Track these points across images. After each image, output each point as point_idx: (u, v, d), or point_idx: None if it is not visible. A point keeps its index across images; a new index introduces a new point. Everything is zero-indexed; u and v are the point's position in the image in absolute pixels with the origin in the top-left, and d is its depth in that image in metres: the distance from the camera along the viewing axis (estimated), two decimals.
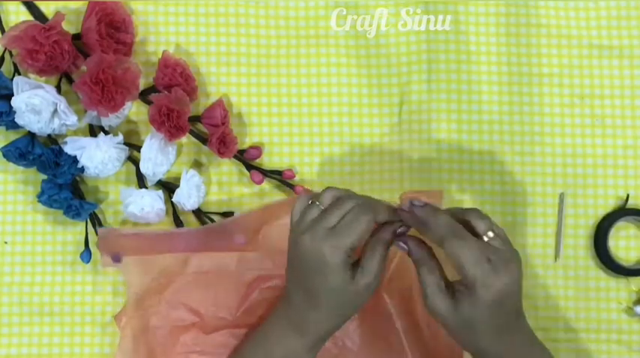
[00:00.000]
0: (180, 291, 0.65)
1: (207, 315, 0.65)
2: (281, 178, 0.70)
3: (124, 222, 0.70)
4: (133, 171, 0.70)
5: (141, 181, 0.69)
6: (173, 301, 0.65)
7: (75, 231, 0.70)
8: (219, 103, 0.68)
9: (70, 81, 0.68)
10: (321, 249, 0.53)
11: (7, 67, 0.69)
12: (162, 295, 0.65)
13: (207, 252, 0.66)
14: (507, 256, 0.53)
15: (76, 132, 0.70)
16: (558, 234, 0.71)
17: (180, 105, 0.65)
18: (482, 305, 0.52)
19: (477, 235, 0.54)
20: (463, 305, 0.52)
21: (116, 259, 0.68)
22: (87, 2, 0.66)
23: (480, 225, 0.54)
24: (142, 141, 0.68)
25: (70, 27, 0.68)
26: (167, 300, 0.65)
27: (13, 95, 0.64)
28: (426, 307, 0.54)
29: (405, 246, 0.56)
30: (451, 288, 0.54)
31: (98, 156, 0.66)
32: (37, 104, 0.64)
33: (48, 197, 0.66)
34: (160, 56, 0.67)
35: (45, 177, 0.67)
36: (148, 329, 0.65)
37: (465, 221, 0.55)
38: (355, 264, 0.55)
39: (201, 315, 0.65)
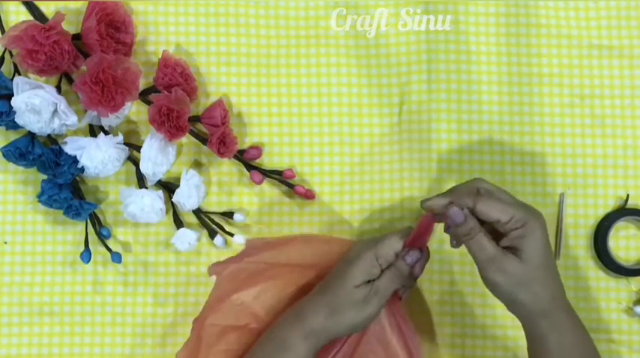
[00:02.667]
0: (250, 295, 0.65)
1: (265, 320, 0.65)
2: (281, 178, 0.70)
3: (124, 222, 0.70)
4: (133, 171, 0.70)
5: (141, 181, 0.69)
6: (239, 302, 0.65)
7: (75, 231, 0.70)
8: (219, 103, 0.68)
9: (70, 81, 0.68)
10: (362, 247, 0.61)
11: (7, 67, 0.69)
12: (232, 295, 0.65)
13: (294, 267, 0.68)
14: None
15: (76, 132, 0.70)
16: (558, 234, 0.71)
17: (180, 105, 0.65)
18: (540, 237, 0.55)
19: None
20: (527, 252, 0.55)
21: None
22: (87, 2, 0.66)
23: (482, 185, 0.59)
24: (142, 141, 0.68)
25: (70, 27, 0.68)
26: (234, 300, 0.65)
27: (13, 95, 0.64)
28: (491, 274, 0.55)
29: (461, 213, 0.56)
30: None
31: (98, 156, 0.66)
32: (37, 104, 0.64)
33: (48, 197, 0.66)
34: (159, 56, 0.67)
35: (45, 177, 0.67)
36: (204, 326, 0.65)
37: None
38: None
39: (260, 319, 0.65)
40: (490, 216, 0.56)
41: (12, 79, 0.65)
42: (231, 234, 0.70)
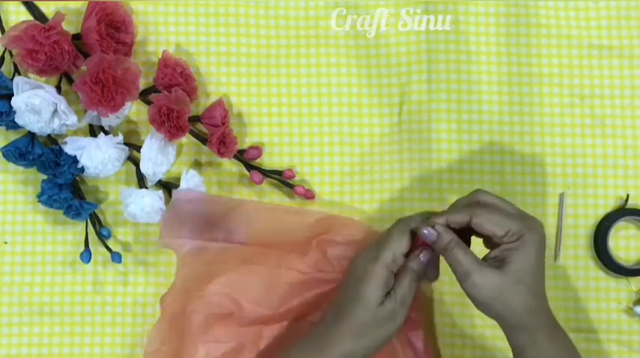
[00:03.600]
0: (228, 281, 0.64)
1: (247, 308, 0.64)
2: (281, 178, 0.70)
3: (124, 222, 0.70)
4: (133, 171, 0.70)
5: (141, 181, 0.69)
6: (218, 289, 0.64)
7: (75, 231, 0.70)
8: (219, 103, 0.68)
9: (70, 81, 0.68)
10: (365, 261, 0.57)
11: (7, 67, 0.69)
12: (209, 282, 0.64)
13: (265, 248, 0.66)
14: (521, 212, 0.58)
15: (76, 132, 0.70)
16: (558, 234, 0.71)
17: (180, 105, 0.65)
18: (533, 252, 0.55)
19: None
20: (512, 264, 0.55)
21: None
22: (87, 2, 0.66)
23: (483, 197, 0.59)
24: (142, 141, 0.68)
25: (70, 27, 0.68)
26: (212, 288, 0.64)
27: (13, 95, 0.64)
28: (467, 288, 0.55)
29: (433, 232, 0.57)
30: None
31: (98, 156, 0.66)
32: (37, 104, 0.64)
33: (48, 197, 0.66)
34: (159, 56, 0.67)
35: (45, 177, 0.67)
36: (185, 313, 0.64)
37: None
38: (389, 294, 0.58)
39: (242, 307, 0.64)
40: (485, 230, 0.56)
41: (12, 79, 0.65)
42: None
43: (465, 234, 0.58)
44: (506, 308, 0.55)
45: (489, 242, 0.58)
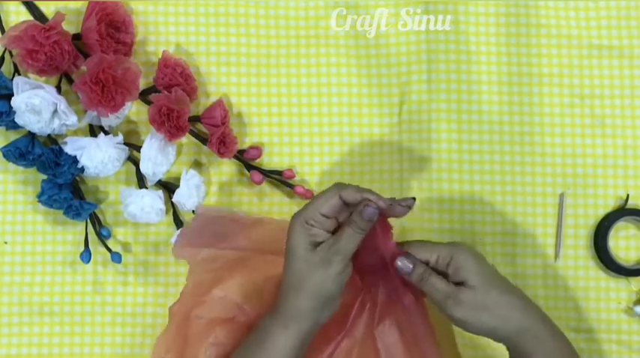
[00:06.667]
0: (232, 286, 0.64)
1: (252, 313, 0.64)
2: (281, 178, 0.70)
3: (124, 222, 0.70)
4: (133, 171, 0.70)
5: (141, 181, 0.69)
6: (223, 295, 0.64)
7: (75, 231, 0.70)
8: (219, 103, 0.68)
9: (70, 81, 0.68)
10: (292, 222, 0.57)
11: (7, 67, 0.69)
12: (215, 288, 0.64)
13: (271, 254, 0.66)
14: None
15: (76, 132, 0.70)
16: (558, 234, 0.71)
17: (180, 105, 0.65)
18: (475, 264, 0.57)
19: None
20: (471, 278, 0.57)
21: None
22: (87, 2, 0.66)
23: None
24: (142, 141, 0.68)
25: (70, 27, 0.68)
26: (216, 293, 0.64)
27: (13, 95, 0.64)
28: (452, 311, 0.57)
29: (408, 265, 0.58)
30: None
31: (98, 156, 0.66)
32: (37, 104, 0.64)
33: (48, 197, 0.66)
34: (159, 56, 0.67)
35: (45, 177, 0.67)
36: (190, 318, 0.64)
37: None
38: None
39: (246, 312, 0.64)
40: (420, 258, 0.58)
41: (12, 79, 0.65)
42: None
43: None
44: (498, 318, 0.56)
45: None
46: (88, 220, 0.69)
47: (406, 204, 0.57)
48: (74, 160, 0.67)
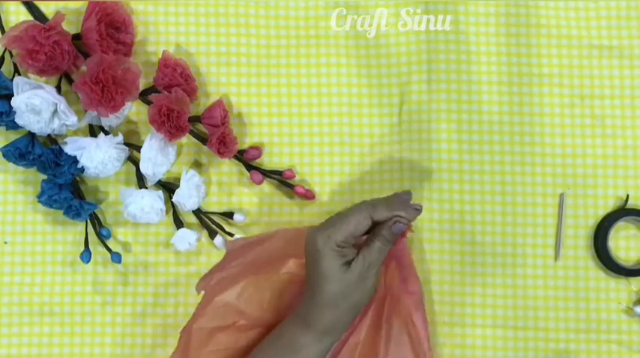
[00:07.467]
0: (234, 293, 0.65)
1: (252, 315, 0.64)
2: (281, 178, 0.70)
3: (124, 222, 0.70)
4: (133, 171, 0.70)
5: (141, 181, 0.69)
6: (224, 303, 0.64)
7: (75, 231, 0.70)
8: (219, 103, 0.68)
9: (70, 81, 0.69)
10: (315, 237, 0.58)
11: (7, 67, 0.69)
12: (217, 296, 0.64)
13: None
14: None
15: (76, 132, 0.70)
16: (558, 234, 0.71)
17: (180, 105, 0.65)
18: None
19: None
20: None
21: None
22: (87, 2, 0.66)
23: None
24: (142, 141, 0.68)
25: (70, 27, 0.68)
26: (219, 302, 0.64)
27: (13, 95, 0.64)
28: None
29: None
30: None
31: (98, 156, 0.66)
32: (37, 104, 0.64)
33: (48, 197, 0.66)
34: (160, 56, 0.67)
35: (45, 177, 0.67)
36: (192, 332, 0.63)
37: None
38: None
39: (246, 315, 0.64)
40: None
41: (12, 79, 0.65)
42: (231, 234, 0.70)
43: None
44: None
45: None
46: (88, 220, 0.69)
47: (419, 208, 0.60)
48: (74, 160, 0.67)
